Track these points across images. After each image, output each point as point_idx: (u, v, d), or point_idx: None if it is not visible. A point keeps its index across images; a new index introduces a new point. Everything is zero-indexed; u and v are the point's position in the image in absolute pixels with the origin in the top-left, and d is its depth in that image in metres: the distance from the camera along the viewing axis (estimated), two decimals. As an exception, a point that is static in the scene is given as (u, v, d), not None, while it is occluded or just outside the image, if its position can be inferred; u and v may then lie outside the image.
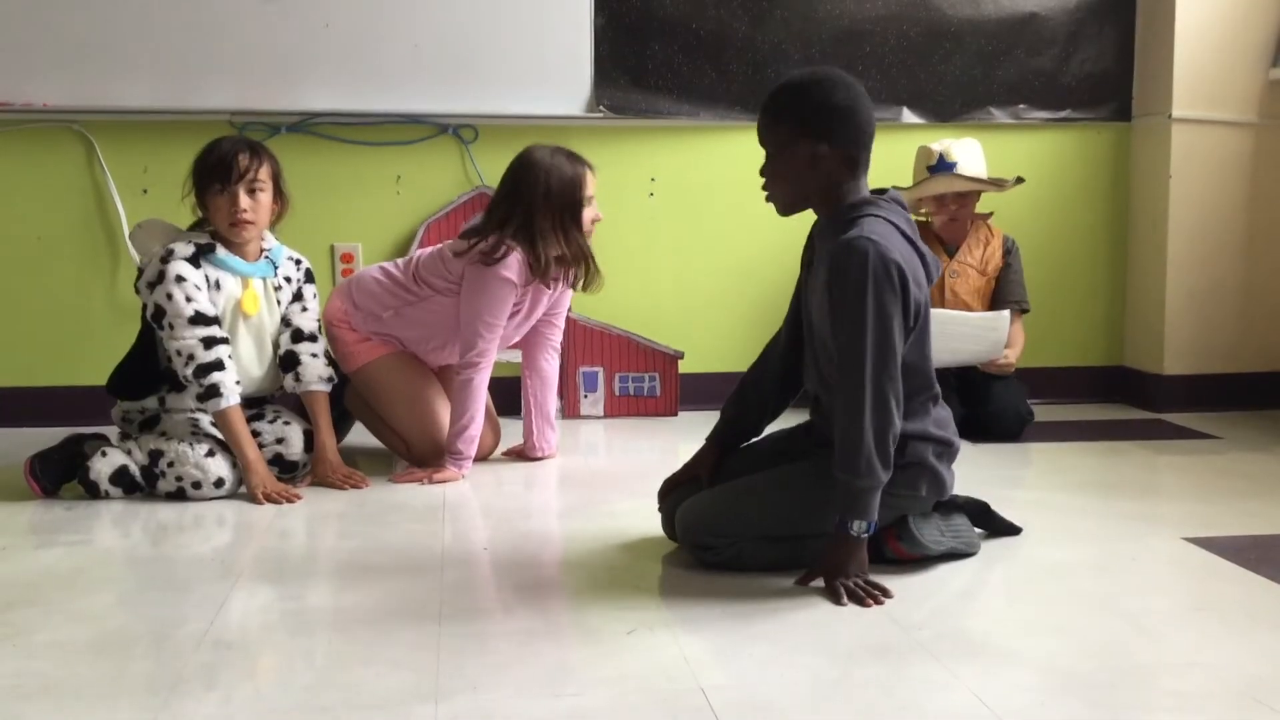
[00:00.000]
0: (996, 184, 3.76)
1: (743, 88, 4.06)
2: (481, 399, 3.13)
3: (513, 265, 3.06)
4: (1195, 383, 4.17)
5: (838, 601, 2.12)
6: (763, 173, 2.30)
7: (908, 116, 4.15)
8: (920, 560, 2.35)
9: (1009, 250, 3.87)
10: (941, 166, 3.73)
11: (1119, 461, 3.39)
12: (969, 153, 3.78)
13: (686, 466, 2.52)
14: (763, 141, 2.30)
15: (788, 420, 2.55)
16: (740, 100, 4.07)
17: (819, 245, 2.33)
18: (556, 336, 3.39)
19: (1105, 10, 4.22)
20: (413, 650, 1.91)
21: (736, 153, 4.13)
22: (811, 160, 2.22)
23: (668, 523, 2.46)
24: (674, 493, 2.48)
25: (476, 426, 3.13)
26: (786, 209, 2.33)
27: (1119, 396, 4.36)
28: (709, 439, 2.53)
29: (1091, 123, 4.29)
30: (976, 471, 3.25)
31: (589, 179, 3.15)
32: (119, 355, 3.08)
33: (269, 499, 2.88)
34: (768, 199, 2.32)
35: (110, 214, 3.87)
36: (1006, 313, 3.66)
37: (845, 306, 2.14)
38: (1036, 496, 2.99)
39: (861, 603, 2.12)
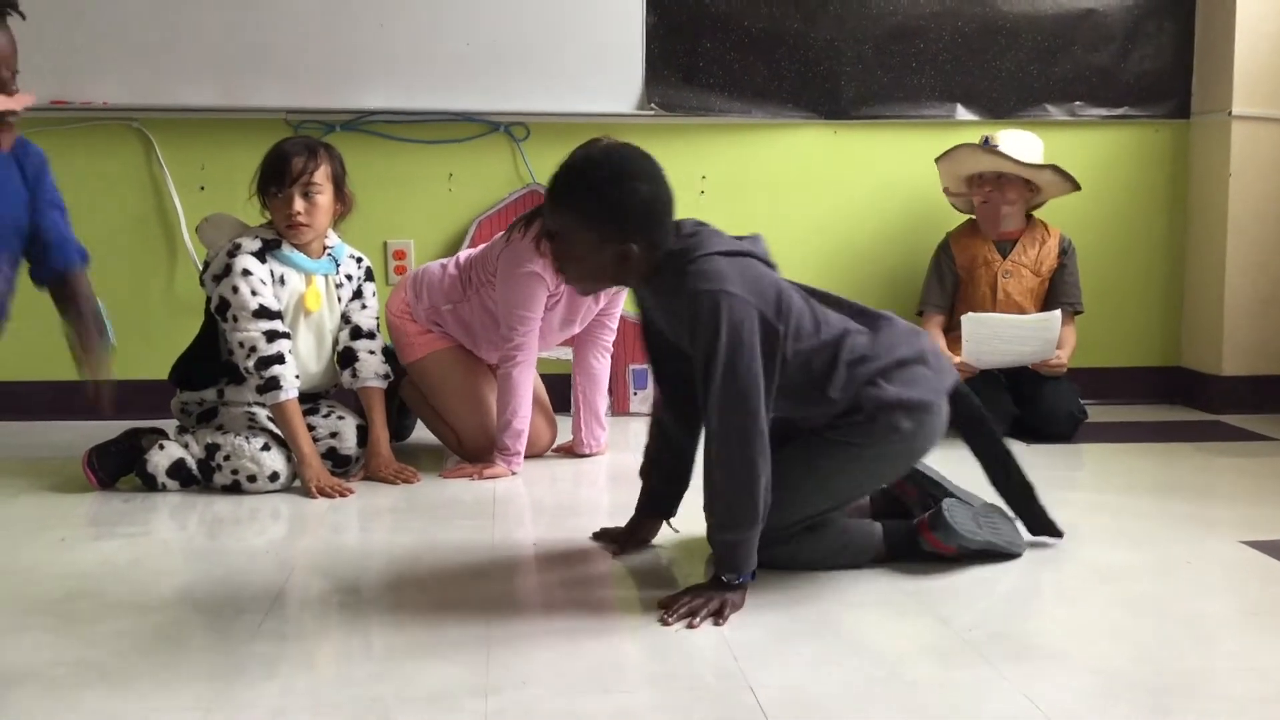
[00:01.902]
0: (1030, 168, 3.71)
1: (795, 85, 4.05)
2: (523, 393, 3.14)
3: (529, 252, 3.08)
4: (1254, 384, 4.11)
5: (665, 620, 2.03)
6: (555, 256, 2.18)
7: (961, 113, 4.12)
8: (958, 557, 2.32)
9: (1064, 250, 3.83)
10: (983, 147, 3.73)
11: (1175, 463, 3.34)
12: (1017, 141, 3.74)
13: (627, 532, 2.48)
14: (556, 236, 2.16)
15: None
16: (792, 98, 4.06)
17: (651, 299, 2.22)
18: (608, 337, 3.40)
19: (1164, 6, 4.16)
20: (462, 645, 1.93)
21: (788, 150, 4.12)
22: (620, 259, 2.11)
23: None
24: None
25: (521, 421, 3.14)
26: (586, 293, 2.32)
27: (1176, 397, 4.30)
28: (639, 510, 2.47)
29: (1150, 120, 4.23)
30: (1029, 472, 3.22)
31: None
32: (177, 350, 3.12)
33: (322, 493, 2.91)
34: (563, 281, 2.21)
35: (168, 210, 3.93)
36: (1058, 313, 3.63)
37: (698, 364, 2.06)
38: (1090, 498, 2.96)
39: (690, 623, 2.03)
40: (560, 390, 3.80)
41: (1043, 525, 2.49)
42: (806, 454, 2.19)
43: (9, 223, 2.38)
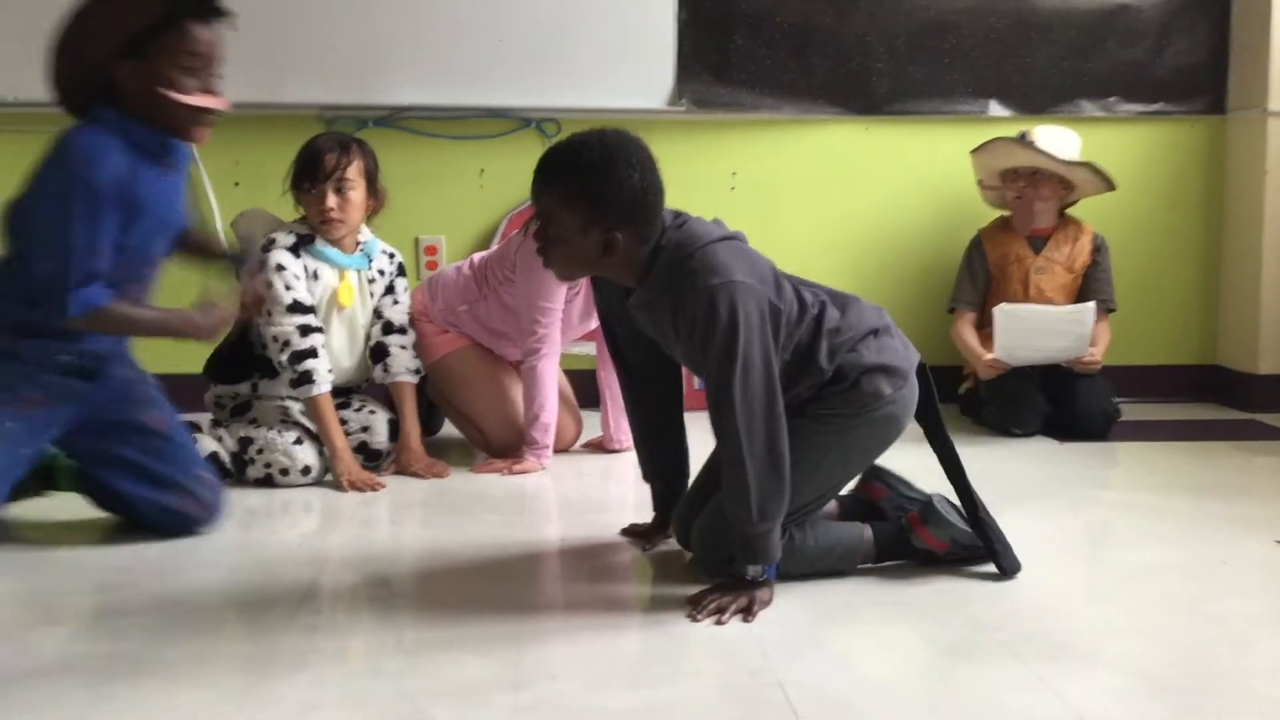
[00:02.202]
0: (1065, 165, 3.68)
1: (826, 81, 4.04)
2: (549, 386, 3.15)
3: None
4: (1290, 383, 4.07)
5: (694, 616, 2.03)
6: (539, 237, 2.15)
7: (995, 109, 4.09)
8: (950, 554, 2.27)
9: (1098, 247, 3.81)
10: (1020, 141, 3.71)
11: (1210, 462, 3.31)
12: (1055, 137, 3.71)
13: (654, 528, 2.48)
14: (543, 216, 2.13)
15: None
16: (824, 94, 4.04)
17: (644, 309, 2.17)
18: None
19: (1200, 1, 4.12)
20: (492, 639, 1.94)
21: (819, 146, 4.11)
22: (604, 247, 2.08)
23: (685, 539, 2.36)
24: (682, 515, 2.38)
25: (549, 414, 3.15)
26: (568, 280, 2.31)
27: (1211, 396, 4.26)
28: (657, 510, 2.47)
29: (1185, 116, 4.19)
30: (1062, 470, 3.21)
31: None
32: (210, 346, 3.14)
33: (354, 486, 2.93)
34: (545, 265, 2.18)
35: (203, 206, 3.96)
36: (1092, 304, 3.60)
37: (712, 359, 2.03)
38: (1123, 497, 2.94)
39: (718, 619, 2.02)
40: (587, 387, 3.80)
41: (993, 550, 2.27)
42: (793, 439, 2.12)
43: (176, 225, 2.45)
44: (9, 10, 3.71)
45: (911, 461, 2.41)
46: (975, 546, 2.28)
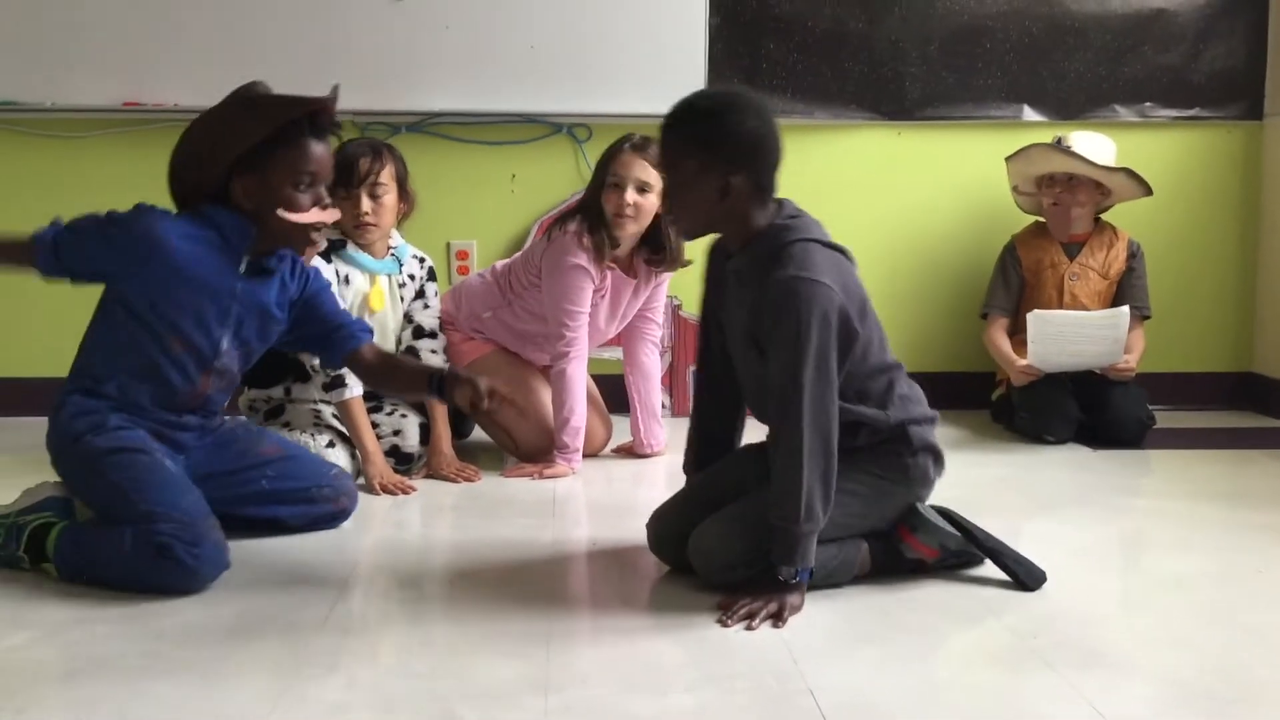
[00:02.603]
0: (1103, 170, 3.66)
1: (859, 86, 4.03)
2: (578, 390, 3.15)
3: (572, 246, 3.11)
4: (1328, 390, 4.02)
5: (724, 621, 2.03)
6: (665, 196, 2.22)
7: (1028, 114, 4.07)
8: (941, 561, 2.26)
9: (1133, 254, 3.78)
10: (1057, 147, 3.69)
11: (1245, 470, 3.28)
12: (1090, 143, 3.69)
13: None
14: (665, 167, 2.24)
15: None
16: (856, 99, 4.04)
17: (737, 276, 2.20)
18: (654, 331, 3.41)
19: (1237, 5, 4.08)
20: (523, 642, 1.94)
21: (851, 152, 4.10)
22: (721, 192, 2.13)
23: (665, 546, 2.34)
24: (665, 520, 2.36)
25: (578, 418, 3.16)
26: (691, 235, 2.31)
27: (1246, 404, 4.22)
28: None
29: (1221, 121, 4.16)
30: (1095, 478, 3.18)
31: (623, 159, 3.14)
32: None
33: (385, 490, 2.94)
34: (671, 223, 2.26)
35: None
36: (1125, 309, 3.57)
37: (783, 350, 2.05)
38: (1158, 505, 2.92)
39: (748, 624, 2.02)
40: (615, 393, 3.80)
41: (1010, 570, 2.27)
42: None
43: (247, 325, 2.41)
44: (48, 19, 3.77)
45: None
46: (964, 552, 2.29)
